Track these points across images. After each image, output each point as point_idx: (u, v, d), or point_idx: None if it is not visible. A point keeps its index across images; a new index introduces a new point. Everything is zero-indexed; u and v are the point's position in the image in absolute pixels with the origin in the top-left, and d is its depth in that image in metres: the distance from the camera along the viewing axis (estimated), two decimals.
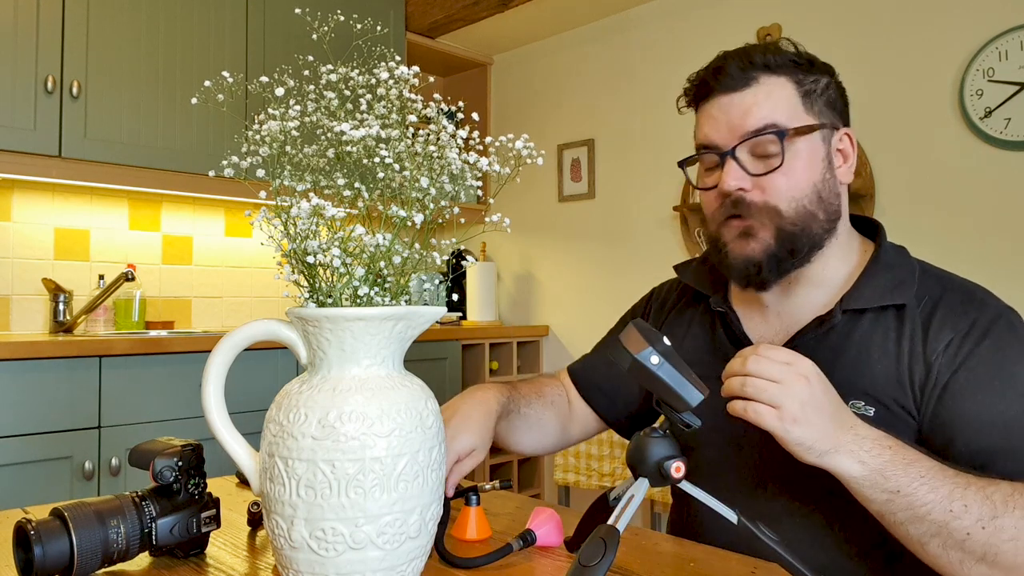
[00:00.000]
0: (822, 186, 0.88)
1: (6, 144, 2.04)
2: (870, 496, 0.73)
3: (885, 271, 0.88)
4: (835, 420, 0.73)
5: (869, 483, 0.73)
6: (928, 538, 0.72)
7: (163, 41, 2.34)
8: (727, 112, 0.88)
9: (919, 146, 2.26)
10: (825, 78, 0.90)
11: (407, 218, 0.66)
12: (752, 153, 0.87)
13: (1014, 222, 2.12)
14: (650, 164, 2.96)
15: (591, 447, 2.29)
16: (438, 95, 0.72)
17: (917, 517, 0.72)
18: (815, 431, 0.72)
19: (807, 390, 0.72)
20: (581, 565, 0.62)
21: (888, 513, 0.73)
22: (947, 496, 0.71)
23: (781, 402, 0.71)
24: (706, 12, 2.81)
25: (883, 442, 0.74)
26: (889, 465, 0.72)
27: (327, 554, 0.61)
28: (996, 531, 0.70)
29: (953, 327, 0.83)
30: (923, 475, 0.72)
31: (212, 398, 0.67)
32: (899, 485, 0.72)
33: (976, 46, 2.17)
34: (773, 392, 0.72)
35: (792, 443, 0.72)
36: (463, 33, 3.29)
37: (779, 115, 0.86)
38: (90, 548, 0.70)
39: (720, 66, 0.89)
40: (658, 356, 0.67)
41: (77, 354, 1.91)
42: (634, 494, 0.69)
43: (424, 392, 0.68)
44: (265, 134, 0.67)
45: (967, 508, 0.71)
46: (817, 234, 0.88)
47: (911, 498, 0.72)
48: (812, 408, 0.72)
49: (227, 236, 2.83)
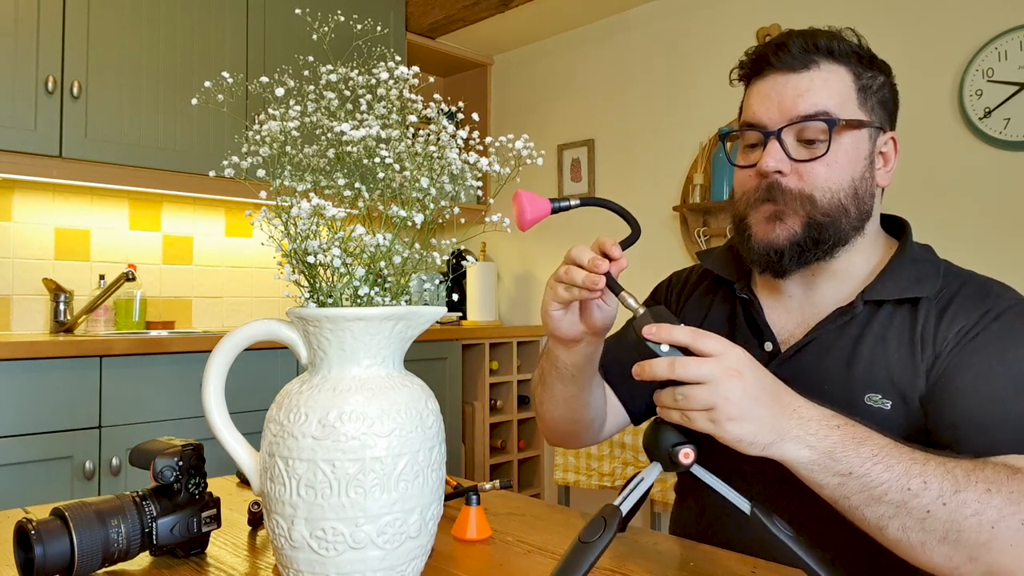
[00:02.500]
0: (860, 183, 0.86)
1: (7, 144, 2.04)
2: (821, 481, 0.69)
3: (909, 265, 0.87)
4: (775, 407, 0.69)
5: (819, 467, 0.69)
6: (886, 520, 0.68)
7: (163, 41, 2.34)
8: (780, 92, 0.86)
9: (919, 146, 2.26)
10: (882, 77, 0.89)
11: (407, 218, 0.66)
12: (798, 138, 0.86)
13: (1014, 222, 2.12)
14: (650, 164, 2.96)
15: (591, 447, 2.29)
16: (438, 95, 0.72)
17: (873, 499, 0.68)
18: (754, 424, 0.67)
19: (739, 385, 0.67)
20: (581, 542, 0.63)
21: (841, 498, 0.69)
22: (904, 473, 0.67)
23: (713, 403, 0.67)
24: (706, 12, 2.81)
25: (830, 421, 0.70)
26: (839, 446, 0.68)
27: (327, 554, 0.61)
28: (958, 506, 0.66)
29: (966, 316, 0.82)
30: (876, 454, 0.68)
31: (212, 398, 0.67)
32: (851, 466, 0.68)
33: (976, 46, 2.17)
34: (703, 397, 0.67)
35: (732, 441, 0.68)
36: (463, 33, 3.29)
37: (832, 104, 0.84)
38: (91, 548, 0.70)
39: (782, 43, 0.87)
40: (667, 344, 0.67)
41: (78, 354, 1.91)
42: (644, 477, 0.70)
43: (424, 392, 0.68)
44: (265, 134, 0.67)
45: (926, 485, 0.67)
46: (845, 230, 0.86)
47: (864, 479, 0.68)
48: (748, 401, 0.67)
49: (227, 236, 2.83)
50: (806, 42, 0.86)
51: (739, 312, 0.97)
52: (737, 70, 0.93)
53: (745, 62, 0.92)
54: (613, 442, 2.15)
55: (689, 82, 2.85)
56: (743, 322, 0.96)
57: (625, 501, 0.68)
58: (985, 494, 0.67)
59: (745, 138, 0.91)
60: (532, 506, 0.99)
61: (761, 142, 0.88)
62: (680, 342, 0.69)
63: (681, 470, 0.68)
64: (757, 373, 0.70)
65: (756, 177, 0.88)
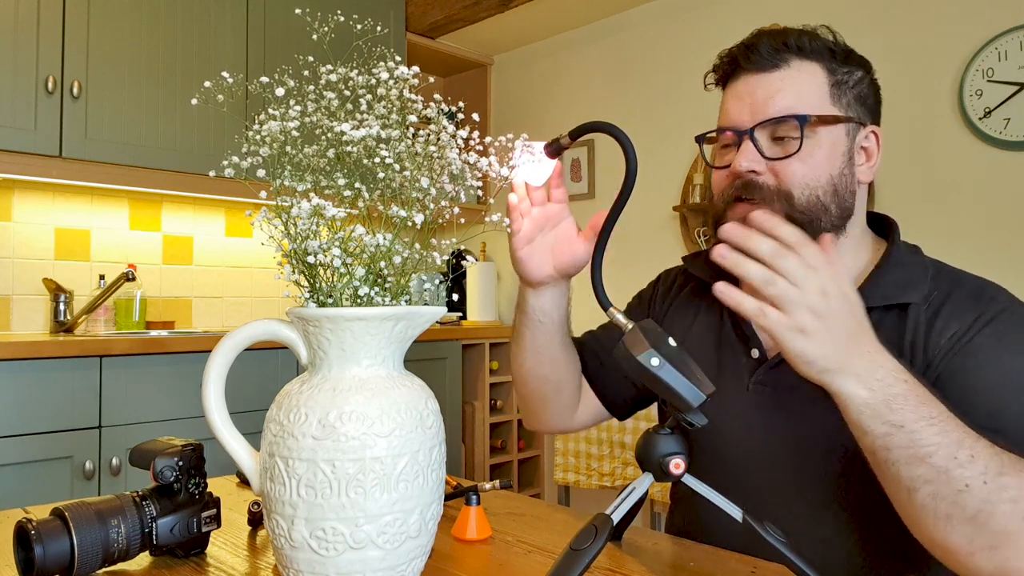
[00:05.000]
0: (839, 180, 0.85)
1: (7, 144, 2.04)
2: (868, 426, 0.67)
3: (896, 269, 0.86)
4: (850, 341, 0.68)
5: (872, 411, 0.67)
6: (921, 484, 0.66)
7: (163, 41, 2.34)
8: (752, 92, 0.86)
9: (918, 146, 2.26)
10: (860, 72, 0.88)
11: (407, 218, 0.66)
12: (771, 137, 0.85)
13: (1014, 222, 2.12)
14: (650, 164, 2.97)
15: (591, 447, 2.29)
16: (438, 95, 0.72)
17: (916, 458, 0.66)
18: (821, 347, 0.66)
19: (822, 303, 0.66)
20: (572, 549, 0.64)
21: (882, 449, 0.67)
22: (956, 442, 0.65)
23: (790, 308, 0.66)
24: (705, 12, 2.81)
25: (899, 375, 0.68)
26: (899, 398, 0.67)
27: (327, 554, 0.61)
28: (998, 489, 0.64)
29: (959, 321, 0.80)
30: (934, 416, 0.66)
31: (212, 398, 0.67)
32: (904, 420, 0.66)
33: (976, 46, 2.17)
34: (785, 293, 0.66)
35: (792, 353, 0.67)
36: (463, 33, 3.29)
37: (804, 102, 0.84)
38: (91, 548, 0.70)
39: (752, 43, 0.87)
40: (658, 358, 0.67)
41: (78, 354, 1.91)
42: (635, 487, 0.70)
43: (424, 392, 0.68)
44: (265, 134, 0.67)
45: (974, 459, 0.65)
46: (825, 229, 0.85)
47: (915, 435, 0.65)
48: (824, 323, 0.66)
49: (227, 236, 2.83)
50: (775, 40, 0.86)
51: (725, 318, 0.97)
52: (712, 74, 0.93)
53: (718, 65, 0.92)
54: (613, 442, 2.15)
55: (689, 82, 2.84)
56: (730, 329, 0.96)
57: (616, 510, 0.69)
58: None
59: (720, 139, 0.91)
60: (532, 506, 0.99)
61: (735, 142, 0.88)
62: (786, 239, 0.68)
63: (672, 480, 0.69)
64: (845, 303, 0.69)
65: (731, 177, 0.87)
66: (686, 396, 0.67)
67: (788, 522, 0.81)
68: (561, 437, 2.45)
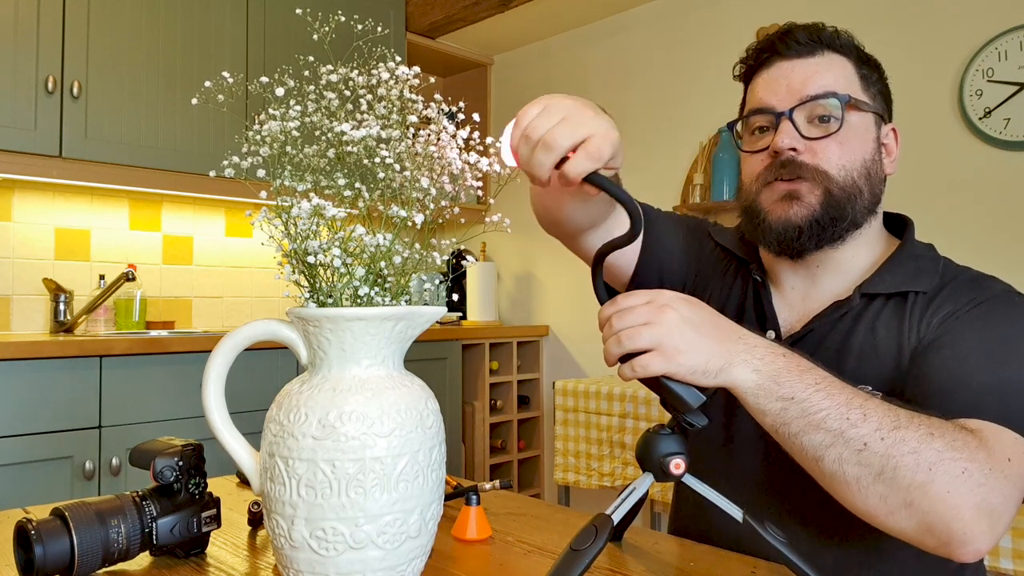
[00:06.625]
0: (872, 165, 0.88)
1: (7, 144, 2.04)
2: (764, 407, 0.70)
3: (909, 261, 0.88)
4: (719, 333, 0.71)
5: (764, 391, 0.69)
6: (823, 450, 0.68)
7: (163, 41, 2.34)
8: (787, 76, 0.88)
9: (919, 146, 2.26)
10: (876, 74, 0.91)
11: (407, 218, 0.66)
12: (808, 119, 0.87)
13: (1014, 222, 2.12)
14: (650, 164, 2.97)
15: (591, 447, 2.29)
16: (438, 95, 0.72)
17: (812, 425, 0.68)
18: (703, 352, 0.68)
19: (675, 315, 0.69)
20: (572, 550, 0.64)
21: (782, 424, 0.69)
22: (844, 403, 0.68)
23: (657, 340, 0.68)
24: (705, 12, 2.81)
25: (776, 350, 0.71)
26: (783, 372, 0.69)
27: (327, 554, 0.61)
28: (896, 442, 0.65)
29: (953, 303, 0.82)
30: (818, 382, 0.69)
31: (212, 398, 0.67)
32: (793, 391, 0.68)
33: (976, 46, 2.17)
34: (645, 336, 0.68)
35: (687, 375, 0.68)
36: (463, 33, 3.29)
37: (840, 86, 0.86)
38: (91, 548, 0.70)
39: (788, 30, 0.89)
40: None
41: (78, 354, 1.91)
42: (636, 487, 0.70)
43: (424, 392, 0.68)
44: (265, 134, 0.67)
45: (866, 416, 0.67)
46: (859, 211, 0.87)
47: (805, 404, 0.68)
48: (689, 328, 0.69)
49: (227, 236, 2.83)
50: (810, 31, 0.88)
51: (749, 295, 0.97)
52: (741, 64, 0.94)
53: (751, 54, 0.92)
54: (613, 442, 2.15)
55: (689, 82, 2.85)
56: (751, 307, 0.97)
57: (617, 510, 0.69)
58: (927, 436, 0.66)
59: (753, 123, 0.91)
60: (532, 506, 0.99)
61: (772, 124, 0.88)
62: (604, 316, 0.72)
63: (672, 480, 0.69)
64: (691, 305, 0.72)
65: (768, 158, 0.88)
66: (686, 397, 0.68)
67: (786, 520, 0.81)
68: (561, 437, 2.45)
